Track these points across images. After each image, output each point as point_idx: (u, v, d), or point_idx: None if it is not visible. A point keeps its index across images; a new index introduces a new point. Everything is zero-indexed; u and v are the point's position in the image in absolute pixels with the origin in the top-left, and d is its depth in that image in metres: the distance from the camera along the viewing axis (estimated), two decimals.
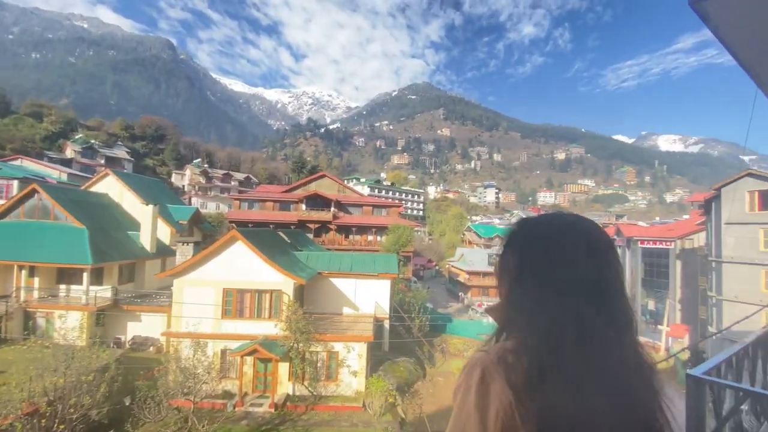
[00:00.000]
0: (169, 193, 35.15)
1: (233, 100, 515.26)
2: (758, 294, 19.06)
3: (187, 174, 64.33)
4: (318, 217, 37.11)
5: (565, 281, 0.84)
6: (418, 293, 27.31)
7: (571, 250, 0.87)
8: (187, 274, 16.66)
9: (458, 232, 77.52)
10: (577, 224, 0.92)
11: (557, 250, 0.88)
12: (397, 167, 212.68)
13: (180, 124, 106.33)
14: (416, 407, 16.69)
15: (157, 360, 15.81)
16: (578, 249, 0.87)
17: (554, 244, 0.89)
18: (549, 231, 0.92)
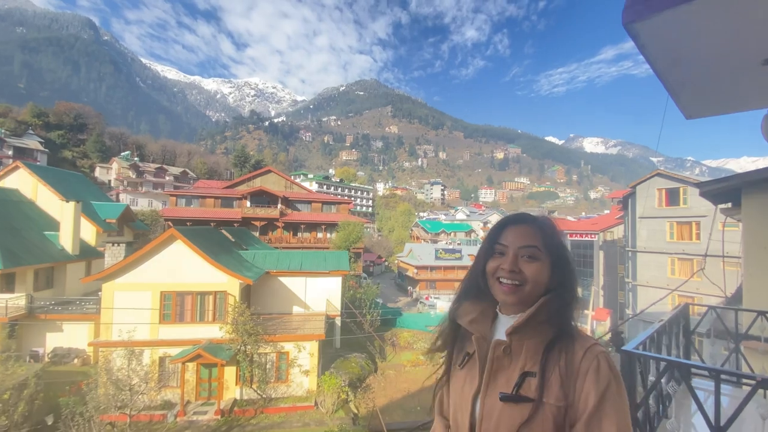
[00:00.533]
0: (93, 188, 31.69)
1: (166, 89, 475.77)
2: (665, 279, 21.83)
3: (114, 168, 58.36)
4: (264, 214, 35.76)
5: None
6: (369, 289, 27.52)
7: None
8: (118, 277, 15.25)
9: (406, 228, 79.13)
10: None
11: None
12: (346, 163, 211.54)
13: (104, 113, 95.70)
14: (369, 401, 16.88)
15: (84, 373, 14.34)
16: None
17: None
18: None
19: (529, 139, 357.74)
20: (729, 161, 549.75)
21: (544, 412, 0.95)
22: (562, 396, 0.96)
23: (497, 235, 1.14)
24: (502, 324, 1.14)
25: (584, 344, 1.02)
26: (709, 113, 3.40)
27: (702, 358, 3.98)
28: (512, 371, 1.03)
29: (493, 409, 1.00)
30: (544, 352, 1.02)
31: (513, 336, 1.05)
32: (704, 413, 1.90)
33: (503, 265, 1.08)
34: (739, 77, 2.62)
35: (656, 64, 2.70)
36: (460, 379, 1.14)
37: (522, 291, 1.06)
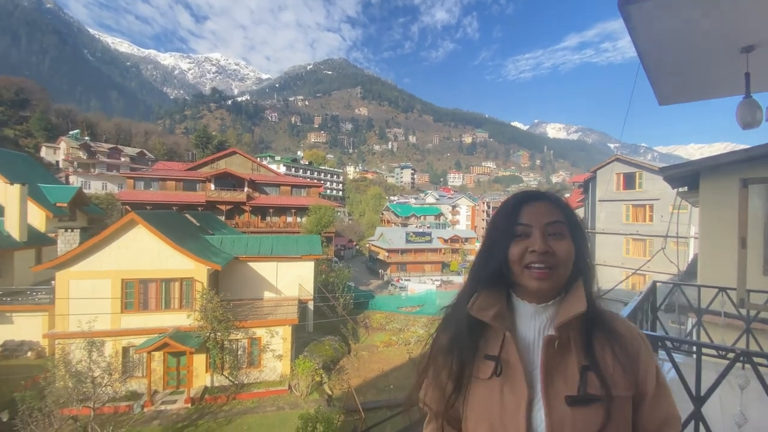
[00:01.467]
0: (40, 170, 29.18)
1: (118, 63, 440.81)
2: (621, 258, 23.30)
3: (62, 148, 53.84)
4: (230, 197, 34.45)
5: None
6: (341, 273, 27.50)
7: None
8: (73, 265, 14.27)
9: (377, 212, 79.28)
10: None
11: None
12: (315, 146, 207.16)
13: (49, 88, 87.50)
14: (343, 382, 17.08)
15: (40, 366, 13.47)
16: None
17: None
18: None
19: (496, 124, 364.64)
20: (678, 148, 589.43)
21: (617, 408, 0.87)
22: (629, 384, 0.89)
23: (515, 215, 0.98)
24: (525, 314, 0.99)
25: (623, 322, 0.98)
26: (684, 99, 3.54)
27: (666, 332, 4.27)
28: (567, 369, 0.90)
29: (564, 418, 0.85)
30: (591, 339, 0.93)
31: (562, 329, 0.92)
32: (686, 385, 2.01)
33: (533, 246, 0.92)
34: (718, 63, 2.72)
35: (642, 47, 2.75)
36: (489, 390, 0.93)
37: (556, 274, 0.93)
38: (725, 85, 3.03)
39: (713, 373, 2.03)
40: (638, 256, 22.62)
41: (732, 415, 1.91)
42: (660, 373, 0.94)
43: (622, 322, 0.98)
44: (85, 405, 11.34)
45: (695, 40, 2.57)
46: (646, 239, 22.56)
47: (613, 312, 1.01)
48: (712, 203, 5.53)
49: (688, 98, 3.44)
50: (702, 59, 2.77)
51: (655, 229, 21.69)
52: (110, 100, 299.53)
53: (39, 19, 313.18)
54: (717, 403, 2.43)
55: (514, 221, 0.98)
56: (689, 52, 2.69)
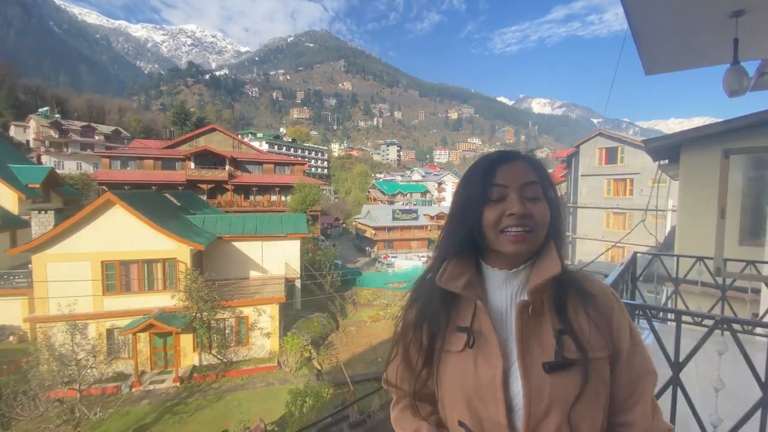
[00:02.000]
0: (10, 149, 27.70)
1: (87, 35, 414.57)
2: (601, 231, 23.91)
3: (32, 126, 51.09)
4: (211, 176, 33.59)
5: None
6: (328, 251, 27.51)
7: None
8: (50, 247, 13.83)
9: (363, 190, 78.88)
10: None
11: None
12: (298, 122, 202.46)
13: (15, 62, 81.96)
14: (332, 357, 17.40)
15: (22, 350, 13.26)
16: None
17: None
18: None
19: (482, 99, 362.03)
20: (659, 122, 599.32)
21: (595, 370, 0.85)
22: (604, 344, 0.87)
23: (490, 176, 0.91)
24: (496, 282, 0.94)
25: (595, 282, 0.95)
26: (671, 68, 3.49)
27: (645, 301, 4.39)
28: (543, 335, 0.87)
29: (542, 384, 0.82)
30: (564, 302, 0.89)
31: (536, 293, 0.88)
32: (664, 350, 2.04)
33: (511, 209, 0.87)
34: (707, 29, 2.65)
35: (633, 12, 2.65)
36: (462, 363, 0.89)
37: (533, 237, 0.87)
38: (714, 52, 2.97)
39: (690, 340, 2.07)
40: (618, 229, 23.22)
41: (709, 381, 1.95)
42: (634, 330, 0.92)
43: (594, 282, 0.95)
44: (70, 387, 11.26)
45: (685, 3, 2.49)
46: (626, 213, 23.13)
47: (584, 272, 0.97)
48: (692, 174, 5.62)
49: (675, 67, 3.38)
50: (691, 24, 2.69)
51: (634, 202, 22.21)
52: (80, 74, 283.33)
53: None
54: (693, 369, 2.51)
55: (489, 182, 0.90)
56: (679, 16, 2.61)
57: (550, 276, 0.86)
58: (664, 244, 10.13)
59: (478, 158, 0.98)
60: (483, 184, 0.91)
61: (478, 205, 0.91)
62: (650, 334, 2.26)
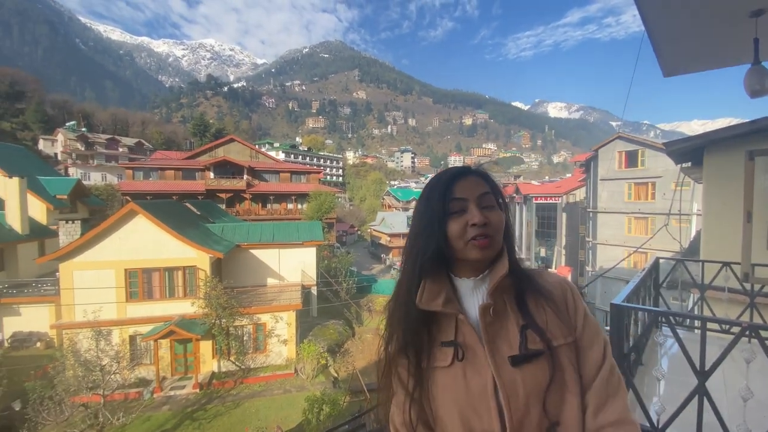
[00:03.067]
0: (39, 162, 29.03)
1: (111, 51, 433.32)
2: (623, 237, 23.26)
3: (60, 139, 53.45)
4: (230, 185, 34.36)
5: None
6: (343, 258, 27.62)
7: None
8: (76, 256, 14.35)
9: (378, 197, 79.11)
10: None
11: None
12: (313, 131, 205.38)
13: (43, 79, 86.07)
14: (348, 365, 17.36)
15: (49, 356, 13.70)
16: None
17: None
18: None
19: (497, 104, 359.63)
20: (681, 124, 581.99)
21: (561, 357, 0.89)
22: (565, 331, 0.92)
23: (450, 191, 0.97)
24: (467, 292, 0.99)
25: (549, 275, 1.01)
26: (690, 70, 3.42)
27: (669, 308, 4.25)
28: (509, 333, 0.92)
29: (514, 381, 0.86)
30: (523, 298, 0.96)
31: (496, 294, 0.94)
32: (689, 359, 1.98)
33: (473, 220, 0.92)
34: (726, 29, 2.60)
35: (649, 15, 2.63)
36: (453, 378, 0.91)
37: (495, 242, 0.94)
38: (733, 52, 2.91)
39: (716, 348, 2.00)
40: (640, 234, 22.56)
41: (737, 390, 1.88)
42: (587, 312, 0.98)
43: (548, 275, 1.01)
44: (95, 392, 11.56)
45: (703, 4, 2.45)
46: (648, 217, 22.47)
47: (540, 269, 1.04)
48: (717, 177, 5.44)
49: (694, 68, 3.32)
50: (709, 25, 2.65)
51: (657, 207, 21.57)
52: (105, 89, 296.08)
53: (30, 8, 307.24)
54: (721, 377, 2.42)
55: (449, 197, 0.97)
56: (696, 18, 2.57)
57: (500, 276, 0.93)
58: (690, 249, 9.79)
59: (432, 177, 1.05)
60: (443, 200, 0.97)
61: (442, 219, 0.96)
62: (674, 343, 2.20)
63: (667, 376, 2.38)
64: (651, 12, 2.54)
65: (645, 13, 2.55)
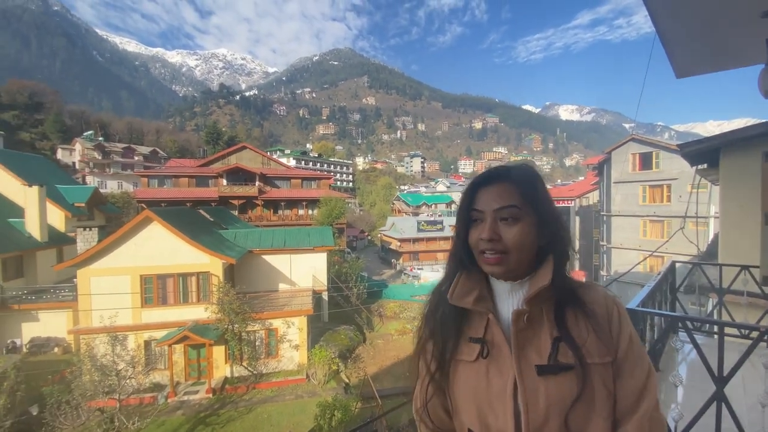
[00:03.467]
0: (57, 171, 29.92)
1: (127, 62, 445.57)
2: (638, 240, 22.81)
3: (78, 149, 55.10)
4: (242, 192, 34.83)
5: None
6: (354, 263, 27.65)
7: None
8: (93, 262, 14.69)
9: (388, 202, 79.19)
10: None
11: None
12: (324, 137, 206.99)
13: (61, 90, 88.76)
14: (359, 371, 17.31)
15: (66, 361, 14.01)
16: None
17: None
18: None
19: (507, 108, 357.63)
20: (696, 125, 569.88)
21: (593, 375, 0.86)
22: (604, 350, 0.88)
23: (471, 200, 1.00)
24: (503, 293, 0.99)
25: (596, 290, 0.97)
26: (702, 71, 3.38)
27: (686, 313, 4.16)
28: (540, 342, 0.90)
29: (537, 390, 0.85)
30: (562, 310, 0.93)
31: (533, 302, 0.92)
32: (707, 365, 1.94)
33: (482, 234, 0.94)
34: (737, 29, 2.57)
35: (659, 17, 2.61)
36: (475, 373, 0.94)
37: (506, 259, 0.92)
38: (745, 53, 2.86)
39: (735, 354, 1.96)
40: (656, 237, 22.10)
41: (756, 396, 1.84)
42: (634, 336, 0.93)
43: (594, 290, 0.98)
44: (110, 397, 11.77)
45: (713, 6, 2.43)
46: (664, 220, 22.01)
47: (587, 282, 1.01)
48: (733, 179, 5.32)
49: (706, 69, 3.27)
50: (720, 26, 2.62)
51: (673, 209, 21.14)
52: (121, 99, 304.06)
53: (47, 21, 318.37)
54: (740, 383, 2.36)
55: (470, 207, 0.99)
56: (707, 19, 2.54)
57: (539, 287, 0.91)
58: (707, 253, 9.55)
59: (469, 179, 1.07)
60: (465, 209, 1.00)
61: (464, 227, 1.00)
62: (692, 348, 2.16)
63: (685, 383, 2.34)
64: (661, 14, 2.52)
65: (655, 15, 2.54)
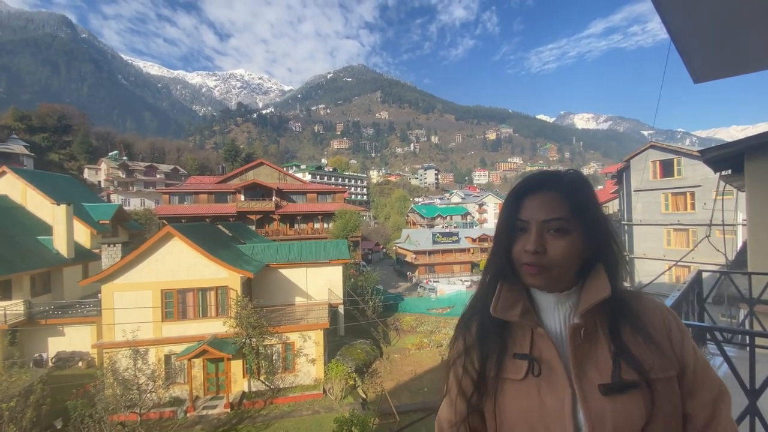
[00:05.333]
0: (84, 190, 31.18)
1: (150, 85, 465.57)
2: (662, 250, 22.06)
3: (103, 168, 57.48)
4: (259, 207, 35.48)
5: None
6: (369, 276, 27.60)
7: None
8: (117, 278, 15.11)
9: (402, 214, 79.14)
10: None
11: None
12: (338, 152, 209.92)
13: (88, 112, 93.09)
14: (376, 386, 17.10)
15: (89, 375, 14.32)
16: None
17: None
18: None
19: (521, 118, 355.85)
20: (719, 131, 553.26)
21: (661, 392, 0.80)
22: (667, 363, 0.83)
23: (515, 209, 0.93)
24: (548, 306, 0.93)
25: (649, 300, 0.92)
26: (720, 75, 3.31)
27: (715, 323, 3.99)
28: (599, 358, 0.84)
29: (603, 410, 0.78)
30: (618, 323, 0.87)
31: (587, 315, 0.86)
32: (738, 377, 1.86)
33: (526, 246, 0.88)
34: (756, 31, 2.52)
35: (672, 22, 2.59)
36: (525, 392, 0.86)
37: (549, 273, 0.87)
38: (763, 56, 2.80)
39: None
40: (681, 247, 21.33)
41: None
42: (697, 347, 0.89)
43: (648, 300, 0.92)
44: (132, 411, 11.93)
45: (726, 9, 2.40)
46: (689, 229, 21.27)
47: (637, 291, 0.95)
48: (760, 184, 5.14)
49: (724, 74, 3.20)
50: (735, 30, 2.57)
51: (698, 217, 20.43)
52: (144, 120, 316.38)
53: (76, 48, 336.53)
54: None
55: (515, 216, 0.93)
56: (721, 22, 2.51)
57: (599, 299, 0.85)
58: (736, 261, 9.15)
59: (514, 183, 0.99)
60: (510, 217, 0.94)
61: (507, 236, 0.94)
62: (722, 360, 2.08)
63: None
64: (674, 19, 2.50)
65: (668, 20, 2.52)
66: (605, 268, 0.91)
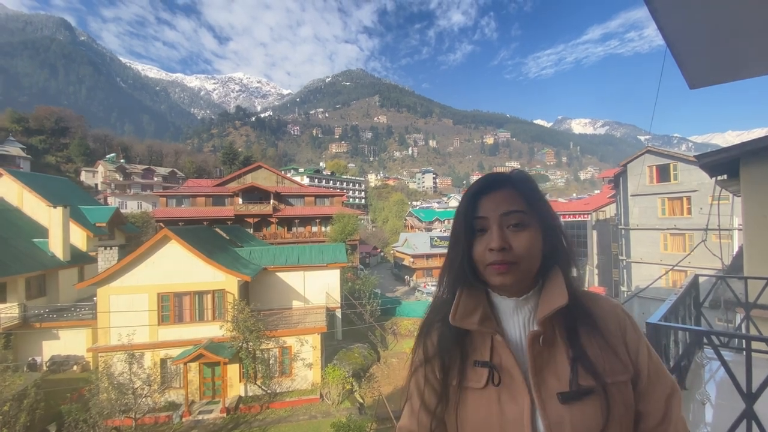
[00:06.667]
0: (81, 192, 31.04)
1: (148, 88, 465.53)
2: (659, 254, 22.16)
3: (100, 171, 57.30)
4: (257, 210, 35.42)
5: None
6: (367, 280, 27.56)
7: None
8: (113, 281, 15.02)
9: (400, 218, 79.19)
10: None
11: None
12: (336, 156, 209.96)
13: (86, 115, 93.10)
14: (374, 390, 17.00)
15: (85, 379, 14.18)
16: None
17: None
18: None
19: (518, 123, 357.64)
20: (714, 136, 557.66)
21: (616, 396, 0.80)
22: (622, 367, 0.83)
23: (472, 208, 0.91)
24: (507, 310, 0.92)
25: (605, 302, 0.92)
26: (716, 81, 3.34)
27: (712, 328, 4.00)
28: (558, 364, 0.84)
29: (561, 418, 0.78)
30: (575, 328, 0.86)
31: (546, 321, 0.85)
32: (735, 381, 1.87)
33: (491, 244, 0.86)
34: (752, 37, 2.55)
35: (667, 29, 2.61)
36: (486, 400, 0.85)
37: (517, 269, 0.86)
38: (759, 62, 2.83)
39: (765, 369, 1.88)
40: (678, 251, 21.43)
41: None
42: (650, 348, 0.89)
43: (604, 301, 0.92)
44: (127, 416, 11.82)
45: (722, 15, 2.43)
46: (686, 233, 21.38)
47: (593, 293, 0.95)
48: (755, 189, 5.18)
49: (719, 79, 3.22)
50: (733, 34, 2.60)
51: (694, 222, 20.55)
52: (142, 123, 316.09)
53: (74, 51, 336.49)
54: None
55: (473, 215, 0.91)
56: (717, 28, 2.54)
57: (557, 307, 0.84)
58: (733, 266, 9.20)
59: (467, 188, 0.98)
60: (467, 218, 0.92)
61: (466, 239, 0.91)
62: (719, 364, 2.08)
63: (714, 401, 2.24)
64: (670, 26, 2.52)
65: (664, 27, 2.54)
66: (566, 271, 0.91)
